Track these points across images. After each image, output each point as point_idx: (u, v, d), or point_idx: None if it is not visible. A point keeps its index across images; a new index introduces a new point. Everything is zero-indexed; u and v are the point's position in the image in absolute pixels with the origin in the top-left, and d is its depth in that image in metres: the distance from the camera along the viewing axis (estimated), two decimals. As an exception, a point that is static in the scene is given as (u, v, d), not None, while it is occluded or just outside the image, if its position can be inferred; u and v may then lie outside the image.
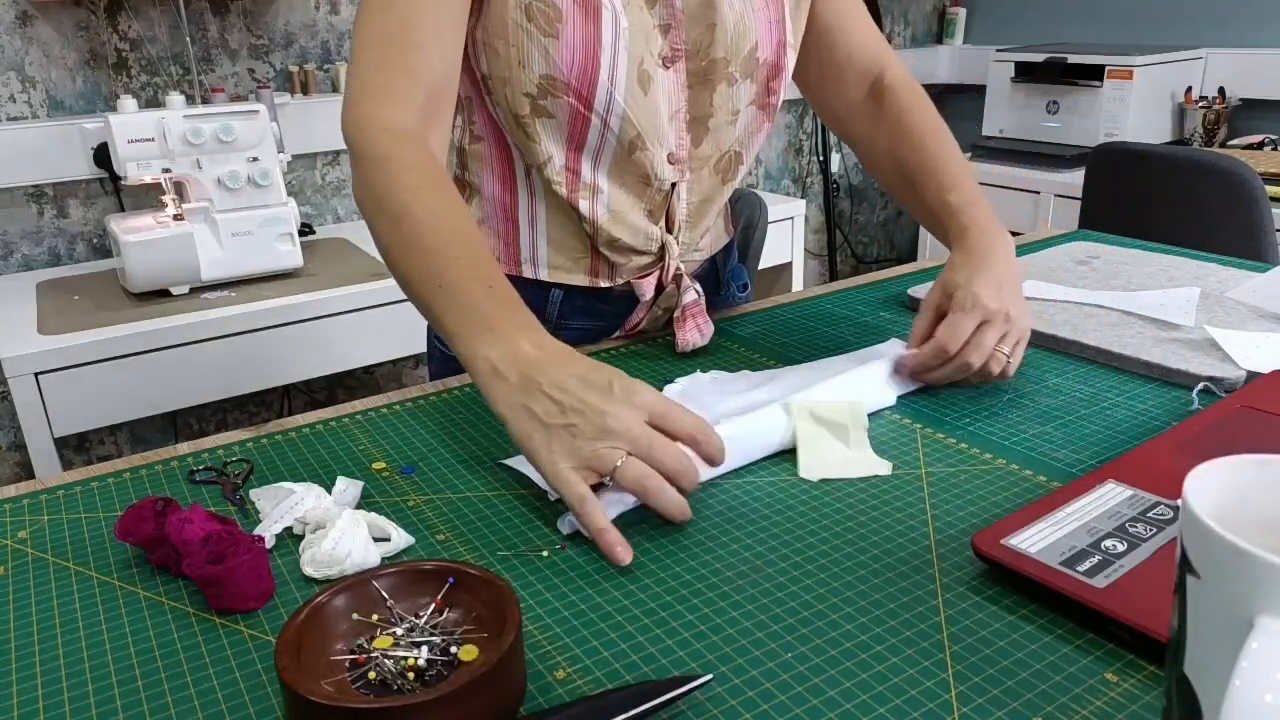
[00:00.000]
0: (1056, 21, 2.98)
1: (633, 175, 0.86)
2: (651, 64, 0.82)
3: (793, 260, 2.45)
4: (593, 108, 0.81)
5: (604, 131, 0.82)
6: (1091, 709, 0.44)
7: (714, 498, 0.64)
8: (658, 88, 0.83)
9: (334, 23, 2.14)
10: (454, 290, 0.66)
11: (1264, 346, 0.82)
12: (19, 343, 1.49)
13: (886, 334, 0.91)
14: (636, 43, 0.80)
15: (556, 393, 0.60)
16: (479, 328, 0.64)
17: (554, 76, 0.79)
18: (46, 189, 1.92)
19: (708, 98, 0.86)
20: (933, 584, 0.54)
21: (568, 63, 0.78)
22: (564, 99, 0.80)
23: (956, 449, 0.70)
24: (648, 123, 0.83)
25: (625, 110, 0.81)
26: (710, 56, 0.84)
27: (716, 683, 0.47)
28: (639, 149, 0.84)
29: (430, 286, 0.67)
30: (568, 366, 0.61)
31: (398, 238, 0.70)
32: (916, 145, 0.91)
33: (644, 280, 0.92)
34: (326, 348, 1.72)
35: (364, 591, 0.49)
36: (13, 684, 0.49)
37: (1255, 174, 1.81)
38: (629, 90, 0.81)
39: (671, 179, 0.88)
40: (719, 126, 0.88)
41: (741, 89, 0.87)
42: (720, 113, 0.87)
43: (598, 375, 0.60)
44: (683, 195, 0.90)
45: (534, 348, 0.63)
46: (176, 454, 0.73)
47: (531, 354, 0.62)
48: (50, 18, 1.84)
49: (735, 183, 0.94)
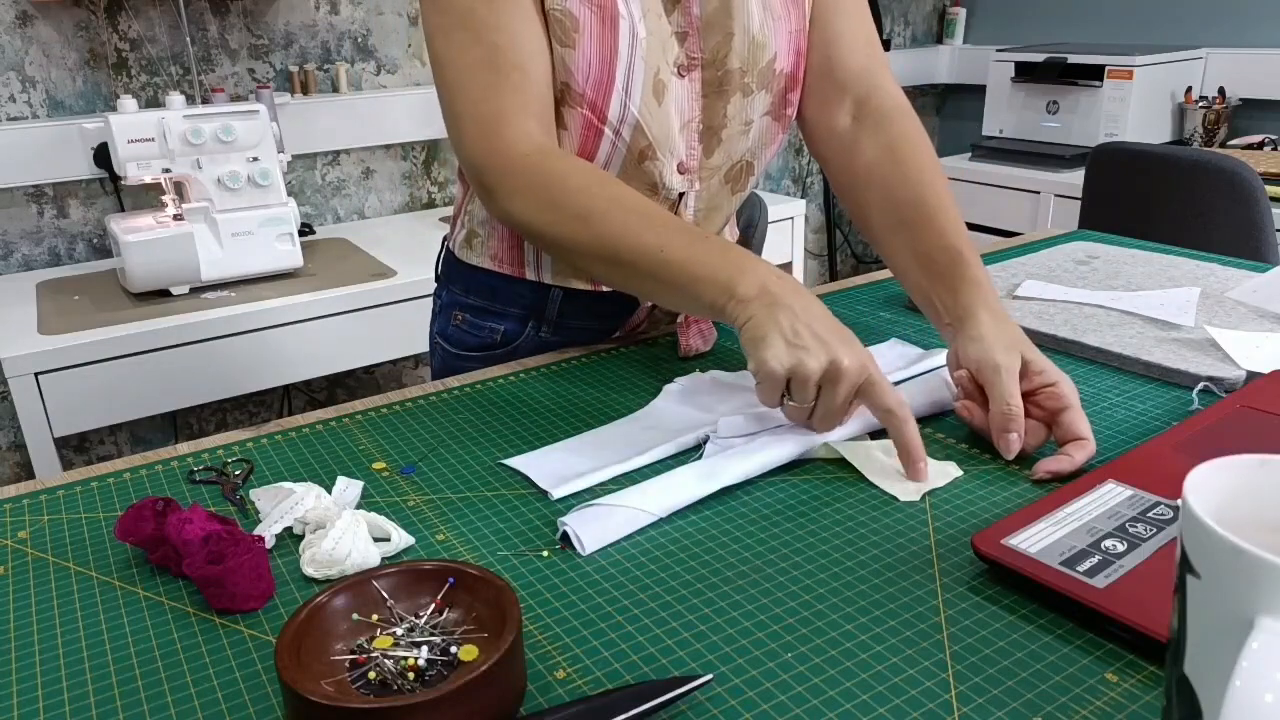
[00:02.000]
0: (1056, 21, 2.98)
1: (640, 184, 0.85)
2: (667, 73, 0.81)
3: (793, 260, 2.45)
4: (606, 119, 0.80)
5: (615, 142, 0.82)
6: (1091, 709, 0.44)
7: (715, 498, 0.64)
8: (671, 97, 0.82)
9: (334, 23, 2.14)
10: (684, 253, 0.70)
11: (1264, 346, 0.82)
12: (19, 343, 1.49)
13: (887, 334, 0.91)
14: (653, 51, 0.79)
15: (802, 317, 0.65)
16: (730, 272, 0.68)
17: (569, 86, 0.79)
18: (46, 189, 1.92)
19: (721, 108, 0.85)
20: (933, 584, 0.54)
21: (584, 72, 0.78)
22: (577, 110, 0.80)
23: (956, 449, 0.70)
24: (660, 133, 0.82)
25: (639, 120, 0.81)
26: (726, 67, 0.83)
27: (716, 683, 0.47)
28: (649, 158, 0.83)
29: (654, 260, 0.70)
30: (808, 302, 0.67)
31: (593, 233, 0.72)
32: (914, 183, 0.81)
33: None
34: (326, 348, 1.72)
35: (364, 591, 0.49)
36: (13, 684, 0.49)
37: (1255, 174, 1.81)
38: (644, 100, 0.80)
39: (680, 189, 0.87)
40: (731, 137, 0.87)
41: (757, 100, 0.86)
42: (733, 123, 0.86)
43: (832, 322, 0.66)
44: (690, 204, 0.89)
45: (777, 279, 0.68)
46: (176, 454, 0.73)
47: (776, 285, 0.67)
48: (50, 18, 1.84)
49: (745, 193, 0.93)
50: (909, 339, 0.90)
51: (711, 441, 0.69)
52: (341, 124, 2.16)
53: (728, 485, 0.65)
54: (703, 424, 0.72)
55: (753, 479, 0.66)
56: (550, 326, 0.94)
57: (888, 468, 0.66)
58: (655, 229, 0.71)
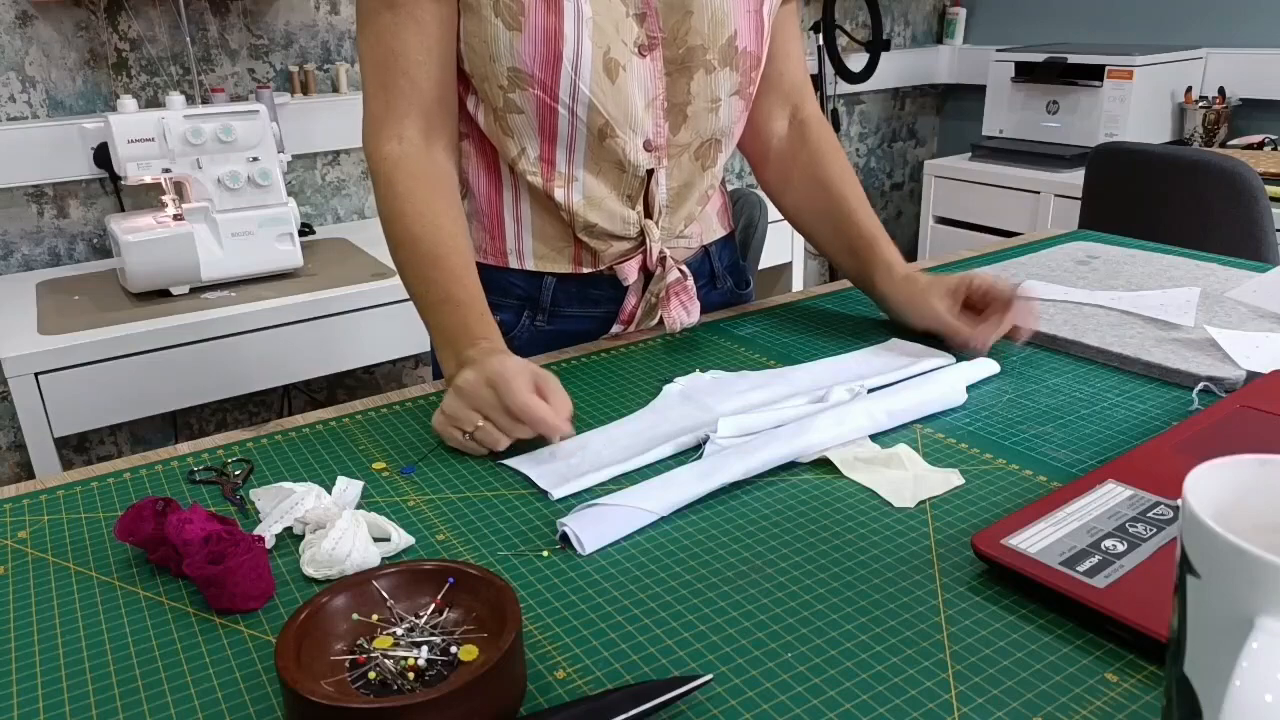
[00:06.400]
0: (1056, 21, 2.98)
1: (607, 162, 0.88)
2: (623, 52, 0.83)
3: (793, 260, 2.45)
4: (558, 98, 0.83)
5: (573, 121, 0.84)
6: (1091, 709, 0.44)
7: (715, 498, 0.64)
8: (630, 76, 0.84)
9: (334, 23, 2.14)
10: (427, 309, 0.82)
11: (1264, 346, 0.82)
12: (19, 343, 1.49)
13: (886, 334, 0.91)
14: (603, 31, 0.81)
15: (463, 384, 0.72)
16: (437, 338, 0.80)
17: (519, 69, 0.81)
18: (46, 189, 1.92)
19: (685, 85, 0.87)
20: (933, 584, 0.54)
21: (530, 55, 0.80)
22: (530, 91, 0.82)
23: (956, 449, 0.70)
24: (616, 111, 0.84)
25: (591, 99, 0.83)
26: (687, 44, 0.85)
27: (716, 683, 0.47)
28: (609, 136, 0.85)
29: (414, 301, 0.83)
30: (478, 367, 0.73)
31: (396, 258, 0.84)
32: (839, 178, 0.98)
33: (625, 265, 0.93)
34: (326, 348, 1.72)
35: (364, 591, 0.49)
36: (13, 684, 0.49)
37: (1255, 174, 1.81)
38: (594, 79, 0.82)
39: (648, 165, 0.89)
40: (698, 114, 0.89)
41: (721, 78, 0.88)
42: (698, 100, 0.88)
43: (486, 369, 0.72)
44: (661, 181, 0.91)
45: (472, 349, 0.75)
46: (176, 454, 0.73)
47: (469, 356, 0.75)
48: (50, 18, 1.84)
49: (716, 169, 0.95)
50: (909, 339, 0.90)
51: (711, 441, 0.69)
52: (341, 124, 2.16)
53: (728, 484, 0.65)
54: (703, 424, 0.72)
55: (753, 479, 0.66)
56: (545, 315, 0.96)
57: (886, 476, 0.66)
58: (429, 280, 0.81)
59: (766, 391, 0.78)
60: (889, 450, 0.68)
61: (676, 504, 0.62)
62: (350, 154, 2.23)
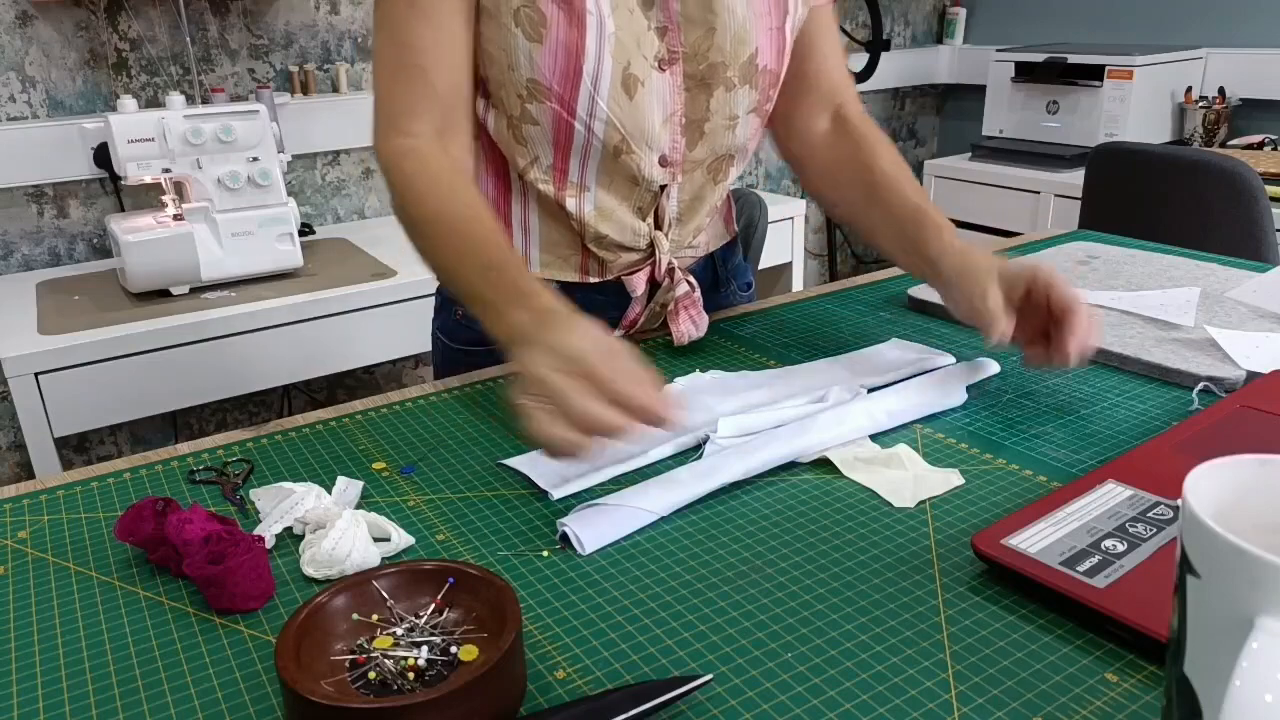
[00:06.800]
0: (1056, 21, 2.98)
1: (620, 177, 0.87)
2: (643, 67, 0.82)
3: (793, 260, 2.45)
4: (575, 114, 0.81)
5: (589, 136, 0.83)
6: (1091, 709, 0.44)
7: (715, 498, 0.64)
8: (649, 91, 0.83)
9: (334, 23, 2.14)
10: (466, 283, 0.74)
11: (1264, 346, 0.82)
12: (19, 343, 1.49)
13: (886, 334, 0.91)
14: (625, 47, 0.80)
15: None
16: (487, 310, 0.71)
17: (538, 81, 0.80)
18: (46, 189, 1.92)
19: (705, 102, 0.86)
20: (933, 584, 0.54)
21: (550, 68, 0.79)
22: (548, 104, 0.81)
23: (956, 449, 0.70)
24: (633, 127, 0.83)
25: (609, 115, 0.82)
26: (709, 60, 0.84)
27: (716, 683, 0.47)
28: (624, 153, 0.84)
29: (451, 281, 0.77)
30: None
31: (422, 245, 0.79)
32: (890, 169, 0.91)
33: (634, 276, 0.92)
34: (326, 348, 1.72)
35: (364, 591, 0.49)
36: (13, 684, 0.49)
37: (1255, 174, 1.81)
38: (613, 95, 0.81)
39: (661, 181, 0.88)
40: (715, 131, 0.88)
41: (740, 95, 0.87)
42: (716, 117, 0.87)
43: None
44: (673, 195, 0.90)
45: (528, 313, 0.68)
46: (176, 454, 0.73)
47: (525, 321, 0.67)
48: (50, 18, 1.84)
49: (727, 183, 0.95)
50: (909, 339, 0.90)
51: (711, 441, 0.69)
52: (341, 124, 2.16)
53: (728, 484, 0.65)
54: (703, 424, 0.72)
55: (753, 479, 0.66)
56: None
57: (886, 476, 0.66)
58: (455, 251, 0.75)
59: (766, 391, 0.78)
60: (889, 450, 0.68)
61: (676, 504, 0.62)
62: (350, 154, 2.23)
